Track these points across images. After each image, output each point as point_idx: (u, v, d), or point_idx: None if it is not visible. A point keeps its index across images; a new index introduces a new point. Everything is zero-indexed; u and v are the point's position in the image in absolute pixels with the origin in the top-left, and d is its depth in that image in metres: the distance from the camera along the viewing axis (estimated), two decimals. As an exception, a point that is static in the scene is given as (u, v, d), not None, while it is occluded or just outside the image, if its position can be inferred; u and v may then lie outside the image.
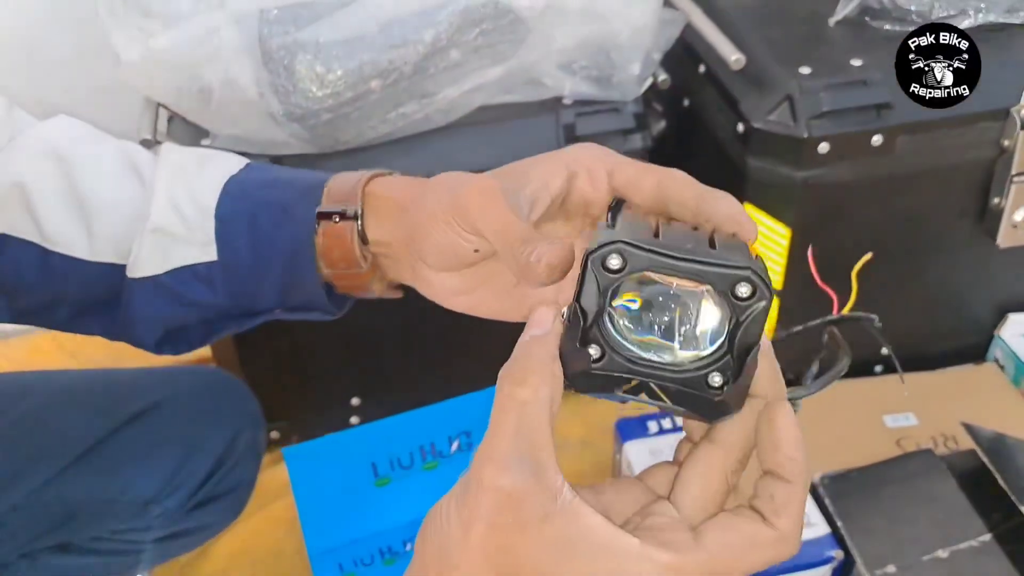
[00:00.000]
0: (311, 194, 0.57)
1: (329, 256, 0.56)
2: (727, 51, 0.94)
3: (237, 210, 0.58)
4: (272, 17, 0.89)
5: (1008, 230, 0.98)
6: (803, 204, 0.94)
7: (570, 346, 0.42)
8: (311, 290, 0.58)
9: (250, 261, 0.57)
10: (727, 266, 0.41)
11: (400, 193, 0.55)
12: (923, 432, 1.01)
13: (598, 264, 0.40)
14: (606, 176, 0.48)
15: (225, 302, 0.59)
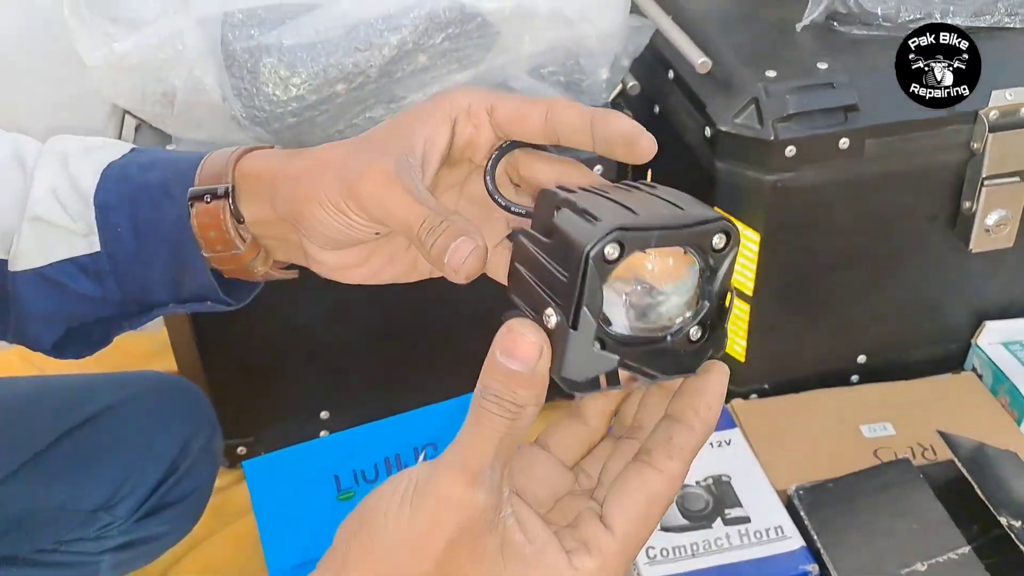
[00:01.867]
0: (189, 173, 0.54)
1: (206, 238, 0.53)
2: (693, 55, 0.94)
3: (117, 195, 0.55)
4: (236, 21, 0.89)
5: (980, 235, 0.97)
6: (773, 208, 0.94)
7: (574, 355, 0.39)
8: (201, 278, 0.55)
9: (134, 249, 0.55)
10: (704, 222, 0.40)
11: (272, 169, 0.52)
12: (901, 442, 0.99)
13: (599, 257, 0.38)
14: (487, 116, 0.47)
15: (115, 295, 0.56)
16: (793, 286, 1.00)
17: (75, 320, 0.58)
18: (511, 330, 0.39)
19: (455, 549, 0.39)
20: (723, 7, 1.06)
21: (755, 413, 1.03)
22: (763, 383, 1.06)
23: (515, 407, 0.39)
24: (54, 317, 0.57)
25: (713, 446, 0.99)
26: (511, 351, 0.39)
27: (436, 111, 0.48)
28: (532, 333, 0.39)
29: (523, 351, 0.39)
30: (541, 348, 0.39)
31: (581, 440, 0.46)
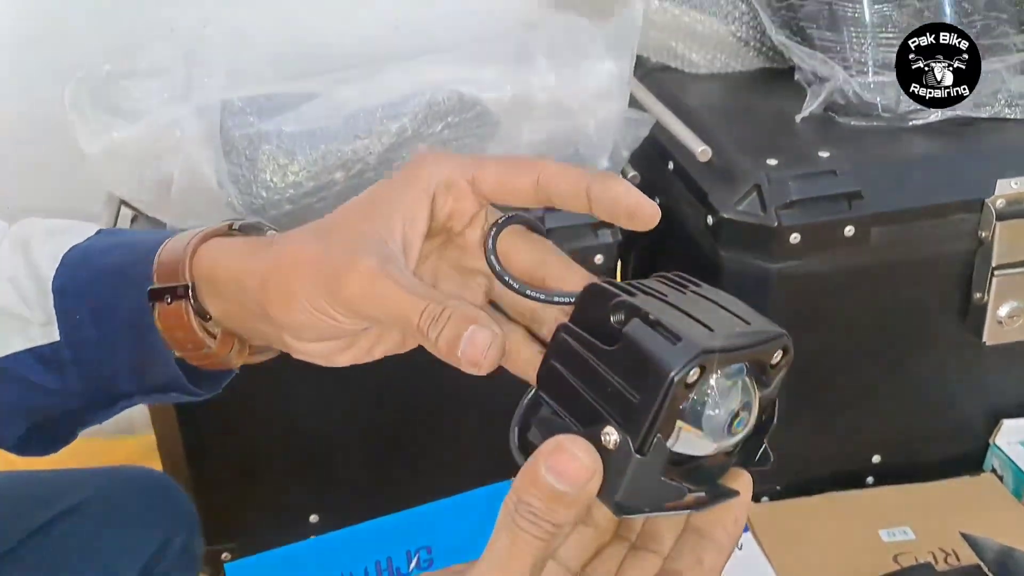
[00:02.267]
0: (148, 256, 0.50)
1: (174, 338, 0.50)
2: (693, 144, 0.93)
3: (75, 281, 0.52)
4: (235, 108, 0.89)
5: (993, 326, 0.94)
6: (779, 297, 0.91)
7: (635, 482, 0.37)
8: (166, 367, 0.51)
9: (94, 337, 0.51)
10: (771, 339, 0.39)
11: (233, 269, 0.48)
12: (921, 546, 0.94)
13: (681, 384, 0.36)
14: (468, 186, 0.44)
15: (78, 387, 0.52)
16: (802, 380, 0.96)
17: (38, 415, 0.54)
18: (562, 449, 0.36)
19: None
20: (721, 101, 1.07)
21: (768, 516, 0.98)
22: (774, 484, 1.01)
23: (554, 527, 0.36)
24: (15, 412, 0.54)
25: (724, 549, 0.93)
26: (560, 471, 0.36)
27: (412, 188, 0.44)
28: (586, 455, 0.36)
29: (574, 473, 0.36)
30: (594, 473, 0.36)
31: (588, 544, 0.42)
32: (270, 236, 0.52)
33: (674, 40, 1.12)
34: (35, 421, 0.55)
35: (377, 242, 0.43)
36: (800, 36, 1.03)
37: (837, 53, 1.00)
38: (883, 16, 0.99)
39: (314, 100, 0.90)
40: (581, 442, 0.36)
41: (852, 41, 1.00)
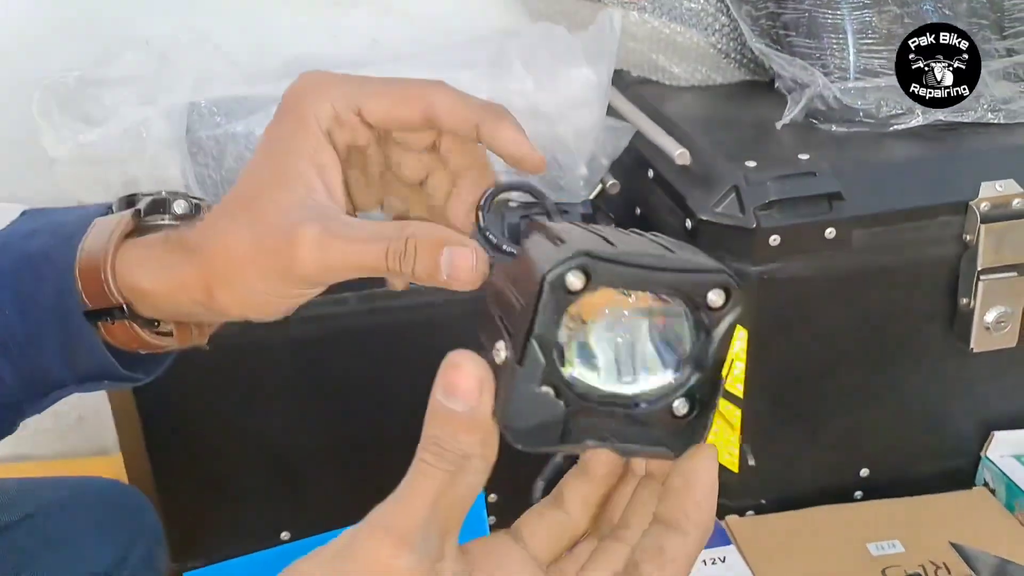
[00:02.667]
0: (72, 237, 0.49)
1: (129, 347, 0.49)
2: (671, 147, 0.92)
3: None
4: (202, 110, 0.87)
5: (981, 333, 0.92)
6: (760, 301, 0.89)
7: (518, 395, 0.34)
8: (96, 355, 0.49)
9: (23, 327, 0.50)
10: (700, 271, 0.35)
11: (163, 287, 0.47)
12: (911, 560, 0.91)
13: (558, 283, 0.33)
14: (358, 120, 0.43)
15: (12, 379, 0.51)
16: (786, 389, 0.94)
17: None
18: (450, 364, 0.34)
19: None
20: (702, 112, 1.05)
21: (752, 530, 0.95)
22: (759, 498, 0.98)
23: (456, 457, 0.34)
24: None
25: (706, 563, 0.90)
26: (450, 387, 0.34)
27: (304, 133, 0.43)
28: (472, 365, 0.34)
29: (463, 386, 0.34)
30: (481, 381, 0.34)
31: (560, 534, 0.40)
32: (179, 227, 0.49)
33: (655, 53, 1.11)
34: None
35: (304, 206, 0.42)
36: (780, 45, 1.02)
37: (817, 60, 0.99)
38: (863, 22, 0.98)
39: (284, 102, 0.89)
40: (468, 354, 0.34)
41: (832, 48, 0.99)
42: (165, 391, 0.93)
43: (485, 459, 0.35)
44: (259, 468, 0.98)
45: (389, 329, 0.94)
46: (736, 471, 0.96)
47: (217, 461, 0.97)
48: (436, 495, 0.34)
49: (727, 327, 0.35)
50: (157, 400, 0.93)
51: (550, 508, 0.39)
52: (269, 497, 0.99)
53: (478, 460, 0.34)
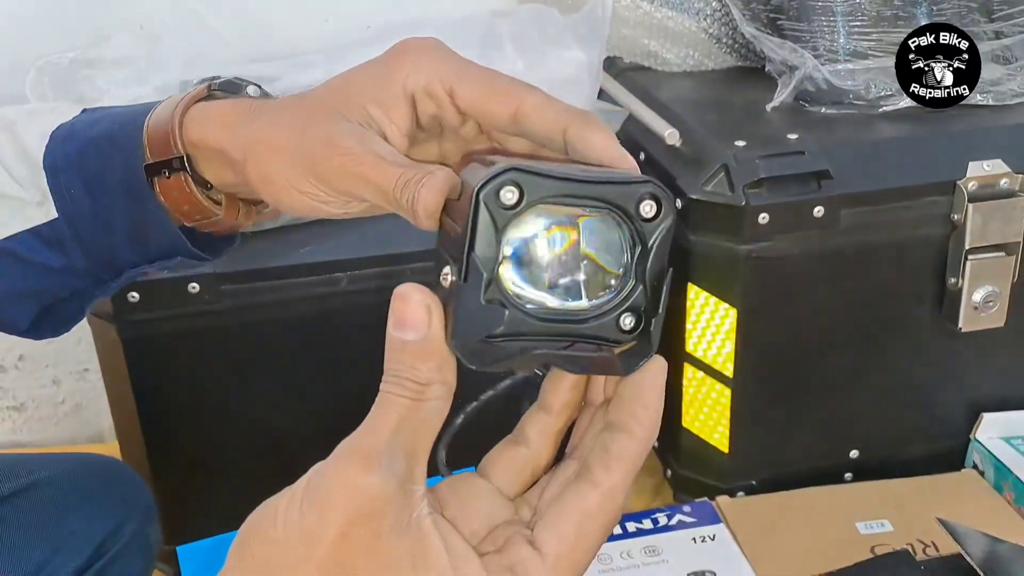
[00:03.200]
0: (136, 121, 0.50)
1: (180, 211, 0.50)
2: (661, 128, 0.92)
3: (64, 155, 0.51)
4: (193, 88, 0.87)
5: (969, 312, 0.93)
6: (749, 280, 0.90)
7: (464, 312, 0.35)
8: (166, 231, 0.51)
9: (90, 208, 0.51)
10: (628, 182, 0.36)
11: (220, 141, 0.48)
12: (899, 538, 0.91)
13: (492, 199, 0.34)
14: (448, 98, 0.43)
15: (82, 264, 0.53)
16: (776, 369, 0.95)
17: (47, 296, 0.55)
18: (397, 296, 0.36)
19: (349, 543, 0.34)
20: (693, 95, 1.06)
21: (742, 511, 0.95)
22: (749, 479, 0.98)
23: (415, 384, 0.35)
24: (23, 295, 0.55)
25: (696, 541, 0.91)
26: (401, 319, 0.35)
27: (389, 85, 0.43)
28: (419, 294, 0.35)
29: (412, 316, 0.35)
30: (428, 307, 0.35)
31: (523, 467, 0.41)
32: (250, 98, 0.52)
33: (647, 38, 1.11)
34: (45, 302, 0.55)
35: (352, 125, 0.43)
36: (771, 28, 1.03)
37: (807, 43, 0.99)
38: (853, 5, 0.99)
39: (275, 83, 0.89)
40: (414, 286, 0.36)
41: (822, 30, 0.99)
42: (160, 372, 0.94)
43: (444, 384, 0.36)
44: (253, 450, 0.98)
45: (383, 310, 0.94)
46: (727, 452, 0.97)
47: (211, 443, 0.97)
48: (399, 420, 0.35)
49: (661, 237, 0.37)
50: (152, 382, 0.93)
51: (512, 445, 0.41)
52: (263, 479, 0.99)
53: (437, 386, 0.36)
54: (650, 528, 0.92)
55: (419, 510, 0.35)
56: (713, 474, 0.98)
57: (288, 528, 0.35)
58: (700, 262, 0.90)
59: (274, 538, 0.35)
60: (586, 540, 0.37)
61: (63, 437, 1.28)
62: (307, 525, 0.34)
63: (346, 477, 0.34)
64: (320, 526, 0.34)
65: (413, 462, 0.36)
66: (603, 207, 0.36)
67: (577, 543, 0.36)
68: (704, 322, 0.92)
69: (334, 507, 0.34)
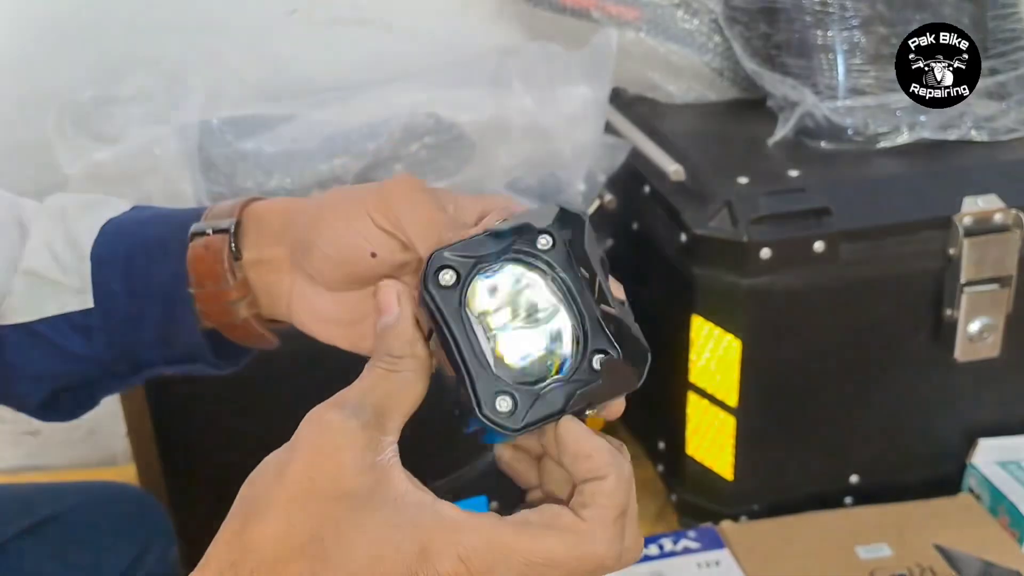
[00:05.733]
0: (186, 226, 0.53)
1: (197, 272, 0.52)
2: (666, 164, 0.95)
3: (113, 250, 0.54)
4: (214, 128, 0.90)
5: (964, 343, 0.95)
6: (751, 313, 0.92)
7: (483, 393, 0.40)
8: (191, 336, 0.53)
9: (127, 306, 0.54)
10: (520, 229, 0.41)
11: (288, 205, 0.53)
12: (899, 563, 0.94)
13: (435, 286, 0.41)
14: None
15: (105, 355, 0.55)
16: (778, 397, 0.97)
17: (63, 380, 0.57)
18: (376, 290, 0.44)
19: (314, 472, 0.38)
20: (695, 127, 1.08)
21: (745, 535, 0.98)
22: (752, 504, 1.01)
23: (390, 357, 0.41)
24: (42, 376, 0.56)
25: (701, 567, 0.93)
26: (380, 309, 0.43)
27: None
28: (391, 284, 0.43)
29: (386, 302, 0.43)
30: (398, 293, 0.43)
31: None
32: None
33: (650, 71, 1.14)
34: (58, 386, 0.57)
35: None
36: (772, 64, 1.05)
37: (807, 79, 1.02)
38: (852, 43, 1.01)
39: (293, 121, 0.92)
40: (389, 282, 0.44)
41: (822, 67, 1.02)
42: (179, 401, 0.96)
43: (415, 357, 0.42)
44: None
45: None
46: (731, 479, 0.99)
47: (229, 470, 0.99)
48: (372, 382, 0.41)
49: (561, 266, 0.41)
50: (171, 410, 0.96)
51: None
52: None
53: (408, 359, 0.41)
54: (656, 554, 0.94)
55: (385, 455, 0.39)
56: (717, 499, 1.01)
57: (266, 465, 0.40)
58: (704, 295, 0.93)
59: (254, 478, 0.40)
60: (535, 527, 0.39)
61: (77, 461, 1.30)
62: (279, 458, 0.39)
63: (313, 415, 0.39)
64: (288, 458, 0.39)
65: (382, 417, 0.40)
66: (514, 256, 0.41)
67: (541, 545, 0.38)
68: (708, 352, 0.95)
69: (300, 439, 0.39)
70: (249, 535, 0.38)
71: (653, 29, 1.12)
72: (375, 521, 0.37)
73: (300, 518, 0.37)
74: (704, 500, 1.02)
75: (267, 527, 0.37)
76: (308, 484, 0.38)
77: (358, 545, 0.37)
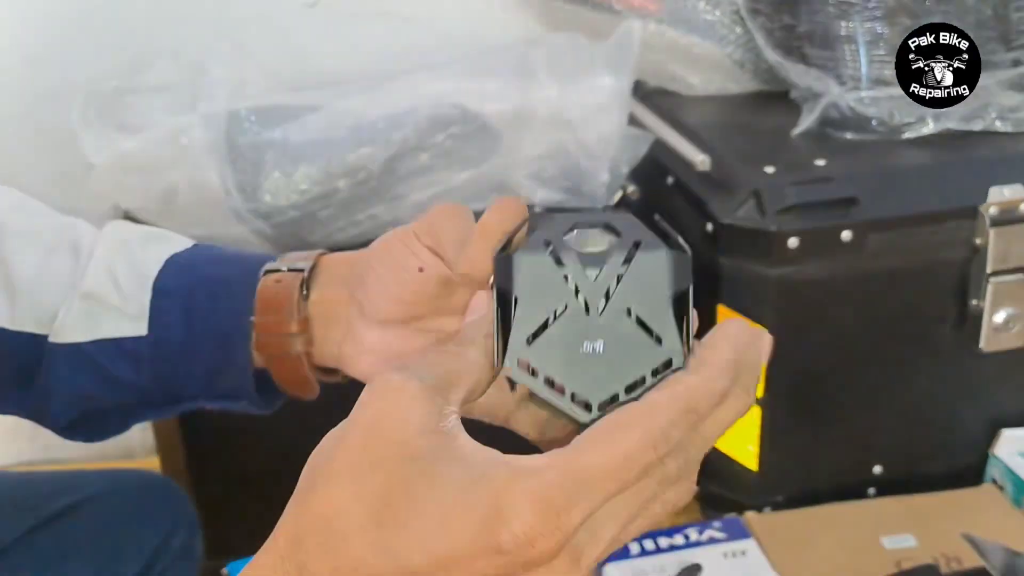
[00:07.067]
0: (255, 270, 0.54)
1: (264, 299, 0.53)
2: (692, 154, 0.95)
3: (176, 284, 0.55)
4: (241, 118, 0.90)
5: (990, 333, 0.95)
6: (778, 303, 0.92)
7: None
8: (240, 374, 0.54)
9: (182, 339, 0.54)
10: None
11: (358, 255, 0.53)
12: (924, 553, 0.93)
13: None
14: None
15: (148, 384, 0.55)
16: (804, 388, 0.97)
17: (98, 403, 0.57)
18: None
19: (377, 438, 0.36)
20: (719, 120, 1.09)
21: (771, 526, 0.98)
22: (777, 495, 1.01)
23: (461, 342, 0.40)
24: (80, 397, 0.56)
25: (727, 556, 0.93)
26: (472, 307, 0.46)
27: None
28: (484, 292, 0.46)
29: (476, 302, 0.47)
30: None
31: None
32: None
33: (672, 63, 1.14)
34: (91, 408, 0.57)
35: None
36: (794, 55, 1.05)
37: (831, 70, 1.02)
38: (875, 34, 1.01)
39: (319, 111, 0.92)
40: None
41: (845, 58, 1.02)
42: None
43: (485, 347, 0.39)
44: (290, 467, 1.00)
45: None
46: (756, 470, 0.99)
47: (250, 460, 1.00)
48: (438, 358, 0.39)
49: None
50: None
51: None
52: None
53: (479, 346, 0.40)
54: (682, 544, 0.94)
55: (449, 422, 0.36)
56: (742, 491, 1.01)
57: (329, 435, 0.37)
58: (730, 284, 0.93)
59: (318, 449, 0.37)
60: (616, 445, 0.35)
61: (95, 454, 1.30)
62: (342, 426, 0.37)
63: (376, 377, 0.37)
64: (351, 423, 0.36)
65: (445, 387, 0.37)
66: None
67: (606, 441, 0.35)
68: (734, 343, 0.94)
69: (362, 403, 0.37)
70: (313, 507, 0.36)
71: (674, 20, 1.12)
72: (445, 481, 0.34)
73: (366, 483, 0.35)
74: (728, 491, 1.02)
75: (331, 496, 0.35)
76: (372, 448, 0.35)
77: (429, 508, 0.34)
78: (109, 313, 0.55)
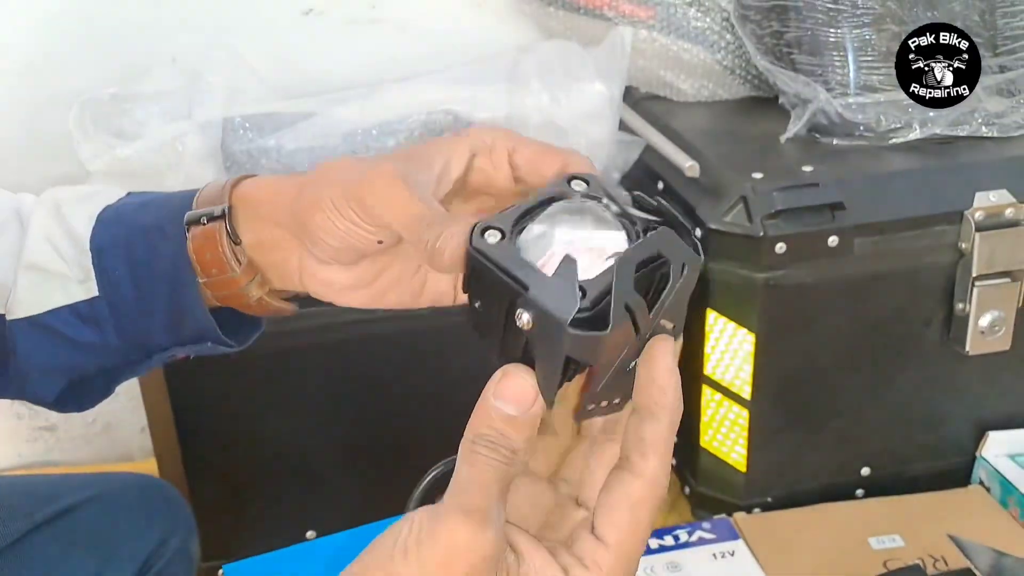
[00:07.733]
0: (183, 208, 0.53)
1: (202, 261, 0.52)
2: (681, 160, 0.96)
3: (112, 238, 0.54)
4: (235, 125, 0.91)
5: (976, 336, 0.97)
6: (766, 307, 0.93)
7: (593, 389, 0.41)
8: (200, 316, 0.54)
9: (132, 291, 0.54)
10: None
11: (273, 187, 0.52)
12: (910, 553, 0.95)
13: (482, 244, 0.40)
14: (507, 155, 0.48)
15: (116, 343, 0.55)
16: (791, 391, 0.98)
17: (76, 371, 0.57)
18: (507, 374, 0.39)
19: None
20: (707, 125, 1.10)
21: (759, 527, 0.99)
22: (765, 496, 1.02)
23: (509, 452, 0.39)
24: (55, 369, 0.56)
25: (716, 557, 0.94)
26: (505, 394, 0.39)
27: (458, 142, 0.48)
28: (526, 373, 0.39)
29: (519, 393, 0.39)
30: (537, 393, 0.39)
31: (552, 451, 0.46)
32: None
33: (663, 69, 1.15)
34: (74, 377, 0.57)
35: (407, 164, 0.47)
36: (783, 62, 1.07)
37: (819, 76, 1.03)
38: (863, 40, 1.02)
39: (312, 118, 0.93)
40: (522, 367, 0.39)
41: (834, 64, 1.03)
42: (198, 397, 0.97)
43: (530, 444, 0.40)
44: (286, 471, 1.01)
45: (408, 336, 0.97)
46: (744, 471, 1.01)
47: (247, 464, 1.01)
48: (497, 481, 0.39)
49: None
50: (191, 405, 0.97)
51: (540, 435, 0.44)
52: (294, 498, 1.03)
53: (523, 452, 0.40)
54: (672, 544, 0.95)
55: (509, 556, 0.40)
56: (730, 491, 1.02)
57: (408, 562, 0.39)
58: (719, 289, 0.94)
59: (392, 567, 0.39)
60: (640, 524, 0.41)
61: (94, 457, 1.31)
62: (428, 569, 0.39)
63: (463, 535, 0.38)
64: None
65: (504, 513, 0.40)
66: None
67: (633, 529, 0.41)
68: (723, 346, 0.96)
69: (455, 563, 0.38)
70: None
71: (665, 27, 1.13)
72: None
73: None
74: (717, 492, 1.04)
75: None
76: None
77: None
78: (56, 280, 0.54)
